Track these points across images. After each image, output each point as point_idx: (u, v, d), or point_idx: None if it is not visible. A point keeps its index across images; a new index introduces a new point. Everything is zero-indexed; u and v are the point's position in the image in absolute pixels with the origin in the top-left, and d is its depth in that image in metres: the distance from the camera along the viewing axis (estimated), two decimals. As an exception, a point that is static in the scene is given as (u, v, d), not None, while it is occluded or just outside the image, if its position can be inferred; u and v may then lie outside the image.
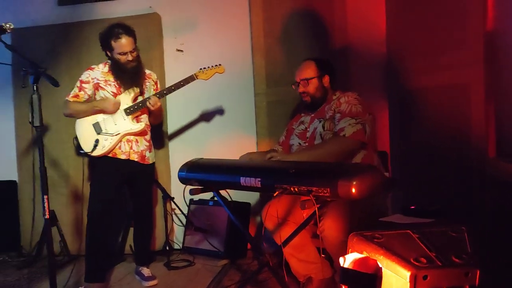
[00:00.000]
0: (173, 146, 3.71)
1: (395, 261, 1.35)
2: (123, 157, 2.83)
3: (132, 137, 2.88)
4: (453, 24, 2.76)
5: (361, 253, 1.43)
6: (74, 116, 2.86)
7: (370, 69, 3.35)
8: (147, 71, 3.03)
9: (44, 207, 1.77)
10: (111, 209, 2.80)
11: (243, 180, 2.06)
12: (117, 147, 2.82)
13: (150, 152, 2.99)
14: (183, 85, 2.93)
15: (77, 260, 3.31)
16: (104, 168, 2.82)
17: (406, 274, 1.32)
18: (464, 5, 2.69)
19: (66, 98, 2.85)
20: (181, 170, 2.40)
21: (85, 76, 2.86)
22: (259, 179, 1.99)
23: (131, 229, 3.43)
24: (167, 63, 3.68)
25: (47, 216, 1.79)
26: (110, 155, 2.82)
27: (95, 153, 2.78)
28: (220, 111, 3.66)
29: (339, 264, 1.49)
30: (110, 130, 2.81)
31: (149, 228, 3.18)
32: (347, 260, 1.42)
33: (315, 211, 1.86)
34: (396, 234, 1.46)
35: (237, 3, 3.55)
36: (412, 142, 3.07)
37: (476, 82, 2.66)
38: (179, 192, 3.42)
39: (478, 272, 1.32)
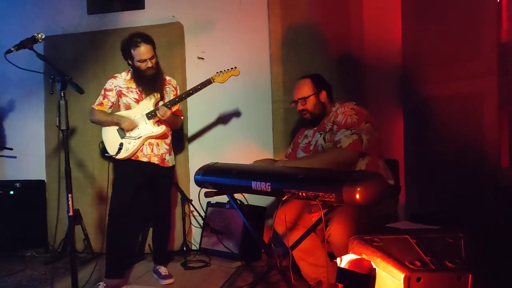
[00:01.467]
0: (193, 150, 3.84)
1: (390, 264, 1.42)
2: (144, 159, 2.95)
3: (153, 141, 3.00)
4: (468, 36, 2.81)
5: (360, 255, 1.50)
6: (98, 124, 3.02)
7: (386, 78, 3.40)
8: (167, 77, 3.15)
9: (68, 205, 1.90)
10: (130, 210, 2.93)
11: (254, 184, 2.15)
12: (139, 150, 2.96)
13: (170, 155, 3.10)
14: (200, 89, 3.04)
15: (100, 258, 3.45)
16: (126, 170, 2.96)
17: (401, 276, 1.39)
18: (479, 17, 2.74)
19: (92, 106, 3.00)
20: (197, 173, 2.51)
21: (108, 84, 3.01)
22: (269, 184, 2.08)
23: (151, 229, 3.57)
24: (188, 70, 3.82)
25: (71, 214, 1.91)
26: (132, 158, 2.95)
27: (119, 156, 2.92)
28: (238, 117, 3.77)
29: (336, 276, 1.57)
30: (133, 134, 2.95)
31: (167, 229, 3.26)
32: (344, 261, 1.50)
33: (323, 213, 1.94)
34: (394, 238, 1.53)
35: (256, 13, 3.66)
36: (426, 150, 3.10)
37: (489, 92, 2.70)
38: (197, 195, 3.59)
39: (470, 277, 1.38)
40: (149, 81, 2.97)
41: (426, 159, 3.09)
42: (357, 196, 1.74)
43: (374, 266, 1.44)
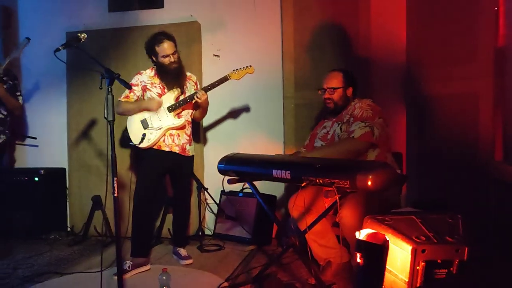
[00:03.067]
0: (208, 142, 4.08)
1: (400, 238, 1.69)
2: (166, 149, 3.18)
3: (174, 132, 3.21)
4: (467, 39, 3.06)
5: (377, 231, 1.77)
6: (125, 114, 3.24)
7: (390, 76, 3.65)
8: (188, 73, 3.35)
9: (114, 187, 2.14)
10: (154, 195, 3.18)
11: (275, 172, 2.41)
12: (161, 140, 3.17)
13: (190, 145, 3.29)
14: (217, 85, 3.20)
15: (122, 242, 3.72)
16: (150, 158, 3.20)
17: (408, 248, 1.65)
18: (478, 23, 2.99)
19: (119, 99, 3.20)
20: (220, 162, 2.76)
21: (134, 79, 3.23)
22: (289, 172, 2.34)
23: (169, 215, 3.83)
24: (204, 67, 4.05)
25: (116, 195, 2.15)
26: (155, 147, 3.17)
27: (142, 145, 3.15)
28: (250, 112, 4.00)
29: (355, 246, 1.83)
30: (155, 125, 3.16)
31: (186, 214, 3.47)
32: (362, 234, 1.76)
33: (336, 200, 2.20)
34: (402, 218, 1.80)
35: (270, 14, 3.89)
36: (427, 145, 3.36)
37: (485, 92, 2.96)
38: (212, 183, 3.85)
39: (466, 249, 1.64)
40: (172, 76, 3.17)
41: (426, 152, 3.36)
42: (369, 183, 1.99)
43: (387, 239, 1.70)
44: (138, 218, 3.14)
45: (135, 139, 3.18)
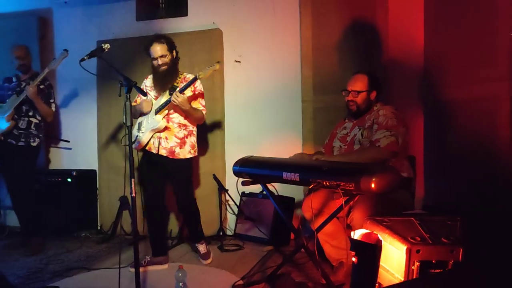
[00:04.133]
0: (229, 144, 4.19)
1: (396, 238, 1.74)
2: (154, 151, 3.18)
3: (162, 134, 3.14)
4: (484, 42, 3.04)
5: (371, 231, 1.83)
6: (134, 117, 3.28)
7: (408, 80, 3.66)
8: (188, 75, 3.26)
9: (131, 188, 2.28)
10: (156, 196, 3.23)
11: (285, 175, 2.50)
12: (150, 142, 3.18)
13: (181, 148, 3.18)
14: (190, 85, 3.08)
15: (146, 240, 3.89)
16: (143, 160, 3.31)
17: (403, 247, 1.71)
18: (495, 25, 2.97)
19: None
20: (235, 164, 2.88)
21: (141, 84, 3.34)
22: (298, 174, 2.43)
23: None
24: (226, 73, 4.17)
25: (133, 195, 2.30)
26: (146, 149, 3.20)
27: (134, 147, 3.20)
28: (270, 115, 4.09)
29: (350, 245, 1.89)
30: (143, 127, 3.21)
31: (193, 214, 3.41)
32: (356, 234, 1.83)
33: (344, 201, 2.27)
34: (401, 220, 1.85)
35: (289, 20, 3.98)
36: (444, 148, 3.36)
37: (502, 96, 2.93)
38: (233, 185, 3.97)
39: (461, 250, 1.68)
40: (160, 78, 3.16)
41: (444, 156, 3.35)
42: (373, 185, 2.06)
43: (380, 239, 1.76)
44: (148, 220, 3.33)
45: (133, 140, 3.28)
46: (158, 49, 3.11)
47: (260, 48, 4.10)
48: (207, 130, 4.15)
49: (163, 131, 3.16)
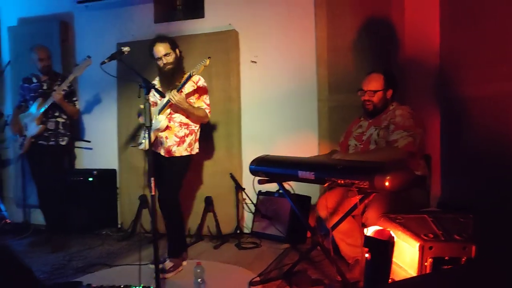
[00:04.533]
0: (245, 144, 4.25)
1: (409, 235, 1.77)
2: (157, 151, 3.20)
3: (163, 134, 3.15)
4: (500, 40, 3.02)
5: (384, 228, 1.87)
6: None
7: (424, 78, 3.66)
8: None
9: (151, 186, 2.36)
10: (162, 195, 3.12)
11: (300, 173, 2.54)
12: (155, 143, 3.19)
13: (178, 146, 3.16)
14: (186, 83, 3.08)
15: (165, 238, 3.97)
16: (151, 159, 3.30)
17: (416, 244, 1.74)
18: (510, 24, 2.95)
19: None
20: (251, 163, 2.93)
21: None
22: (313, 173, 2.47)
23: (209, 213, 4.05)
24: (242, 73, 4.23)
25: (153, 193, 2.37)
26: (153, 148, 3.17)
27: (140, 147, 3.29)
28: (286, 115, 4.13)
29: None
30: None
31: (172, 216, 3.21)
32: (369, 231, 1.86)
33: (359, 200, 2.31)
34: (414, 217, 1.88)
35: (304, 20, 4.02)
36: (460, 147, 3.35)
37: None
38: (250, 184, 4.02)
39: (473, 247, 1.70)
40: (166, 78, 3.16)
41: (460, 154, 3.34)
42: (387, 183, 2.09)
43: (393, 235, 1.79)
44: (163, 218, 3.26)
45: (139, 141, 3.36)
46: (161, 49, 3.13)
47: (275, 49, 4.14)
48: (223, 130, 4.22)
49: (164, 131, 3.17)
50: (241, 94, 4.24)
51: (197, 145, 3.33)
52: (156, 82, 3.36)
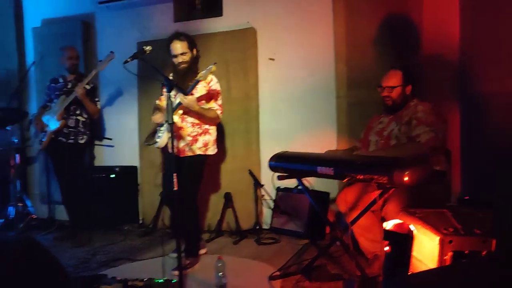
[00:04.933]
0: (263, 141, 4.28)
1: (428, 229, 1.79)
2: (170, 150, 3.09)
3: (176, 134, 3.11)
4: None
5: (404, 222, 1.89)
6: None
7: (444, 74, 3.64)
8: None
9: (172, 181, 2.41)
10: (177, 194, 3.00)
11: (319, 169, 2.57)
12: (169, 141, 3.08)
13: (191, 145, 3.18)
14: (194, 87, 3.09)
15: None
16: (165, 158, 3.37)
17: (436, 238, 1.75)
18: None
19: (155, 101, 3.48)
20: (270, 160, 2.97)
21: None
22: (332, 168, 2.49)
23: (228, 209, 4.10)
24: (260, 71, 4.26)
25: (175, 188, 2.43)
26: (167, 147, 3.18)
27: (155, 146, 3.29)
28: (305, 111, 4.14)
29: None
30: (163, 128, 3.27)
31: (188, 216, 3.15)
32: (389, 224, 1.89)
33: (377, 195, 2.32)
34: (433, 212, 1.90)
35: (322, 16, 4.02)
36: (481, 142, 3.32)
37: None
38: (268, 180, 4.06)
39: (494, 241, 1.71)
40: (179, 76, 3.15)
41: (480, 150, 3.32)
42: (406, 178, 2.10)
43: (412, 229, 1.81)
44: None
45: (155, 140, 3.36)
46: (178, 46, 3.12)
47: (293, 45, 4.16)
48: (242, 127, 4.26)
49: (177, 131, 3.17)
50: (259, 91, 4.27)
51: (214, 146, 3.33)
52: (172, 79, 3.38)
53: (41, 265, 1.81)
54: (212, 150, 3.32)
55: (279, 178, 2.91)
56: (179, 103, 3.08)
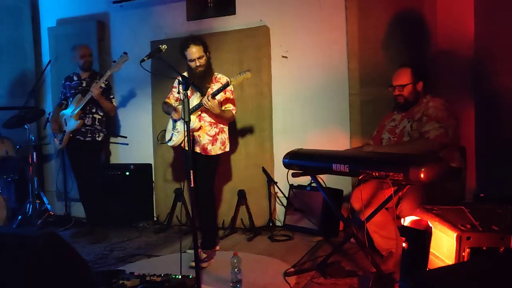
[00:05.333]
0: (277, 139, 4.30)
1: (446, 226, 1.80)
2: (187, 149, 3.31)
3: (195, 133, 3.25)
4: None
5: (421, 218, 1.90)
6: (165, 113, 3.53)
7: (458, 71, 3.62)
8: (219, 75, 3.35)
9: (190, 179, 2.44)
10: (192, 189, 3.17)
11: (334, 166, 2.59)
12: (184, 140, 3.27)
13: (213, 145, 3.29)
14: (222, 90, 3.18)
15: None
16: (181, 156, 3.44)
17: (453, 235, 1.76)
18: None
19: (164, 100, 3.54)
20: (285, 157, 2.99)
21: (175, 82, 3.49)
22: (347, 166, 2.51)
23: (242, 206, 4.14)
24: (273, 68, 4.28)
25: (192, 185, 2.46)
26: (182, 145, 3.36)
27: (169, 144, 3.39)
28: (318, 109, 4.16)
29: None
30: (179, 127, 3.36)
31: (207, 210, 3.32)
32: (406, 221, 1.90)
33: (393, 192, 2.33)
34: (451, 208, 1.91)
35: (335, 14, 4.03)
36: (496, 138, 3.31)
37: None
38: (281, 178, 4.09)
39: (512, 238, 1.72)
40: (197, 79, 3.15)
41: (495, 146, 3.31)
42: (422, 175, 2.11)
43: (430, 225, 1.82)
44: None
45: (167, 138, 3.47)
46: (195, 51, 3.20)
47: (306, 43, 4.17)
48: (255, 124, 4.29)
49: (197, 131, 3.27)
50: (272, 89, 4.29)
51: (228, 144, 3.45)
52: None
53: (65, 259, 1.86)
54: (227, 148, 3.44)
55: (294, 175, 2.93)
56: (200, 104, 3.16)
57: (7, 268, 1.73)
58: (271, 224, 4.10)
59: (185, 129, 2.46)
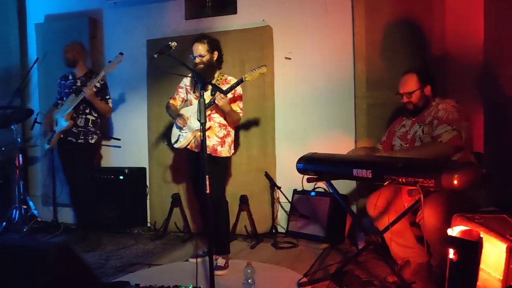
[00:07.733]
0: (279, 142, 4.17)
1: (493, 236, 1.70)
2: (196, 150, 3.18)
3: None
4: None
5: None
6: (169, 116, 3.42)
7: (467, 74, 3.56)
8: (229, 77, 3.24)
9: (205, 183, 2.29)
10: (198, 192, 3.17)
11: (355, 171, 2.47)
12: (192, 141, 3.19)
13: (222, 147, 3.17)
14: (235, 87, 3.09)
15: (198, 236, 3.94)
16: (186, 158, 3.31)
17: (503, 246, 1.66)
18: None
19: (168, 100, 3.39)
20: (298, 162, 2.86)
21: (181, 82, 3.37)
22: (370, 171, 2.39)
23: (243, 212, 3.99)
24: (276, 70, 4.16)
25: (207, 191, 2.31)
26: (188, 147, 3.22)
27: (176, 146, 3.25)
28: (322, 112, 4.05)
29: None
30: (186, 128, 3.21)
31: (219, 214, 3.16)
32: (455, 231, 1.79)
33: (419, 199, 2.23)
34: (493, 217, 1.81)
35: (341, 15, 3.94)
36: (506, 144, 3.26)
37: None
38: (284, 182, 3.97)
39: None
40: (197, 76, 2.96)
41: (505, 151, 3.26)
42: (455, 182, 2.01)
43: (481, 236, 1.72)
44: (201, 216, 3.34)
45: (172, 139, 3.32)
46: (198, 48, 3.15)
47: (310, 45, 4.06)
48: (257, 127, 4.15)
49: (206, 131, 3.09)
50: (275, 91, 4.16)
51: (233, 147, 3.34)
52: (188, 80, 3.34)
53: (76, 271, 1.76)
54: (232, 151, 3.34)
55: (309, 180, 2.80)
56: (211, 103, 3.04)
57: (19, 280, 1.59)
58: (274, 231, 3.96)
59: (202, 130, 2.30)
